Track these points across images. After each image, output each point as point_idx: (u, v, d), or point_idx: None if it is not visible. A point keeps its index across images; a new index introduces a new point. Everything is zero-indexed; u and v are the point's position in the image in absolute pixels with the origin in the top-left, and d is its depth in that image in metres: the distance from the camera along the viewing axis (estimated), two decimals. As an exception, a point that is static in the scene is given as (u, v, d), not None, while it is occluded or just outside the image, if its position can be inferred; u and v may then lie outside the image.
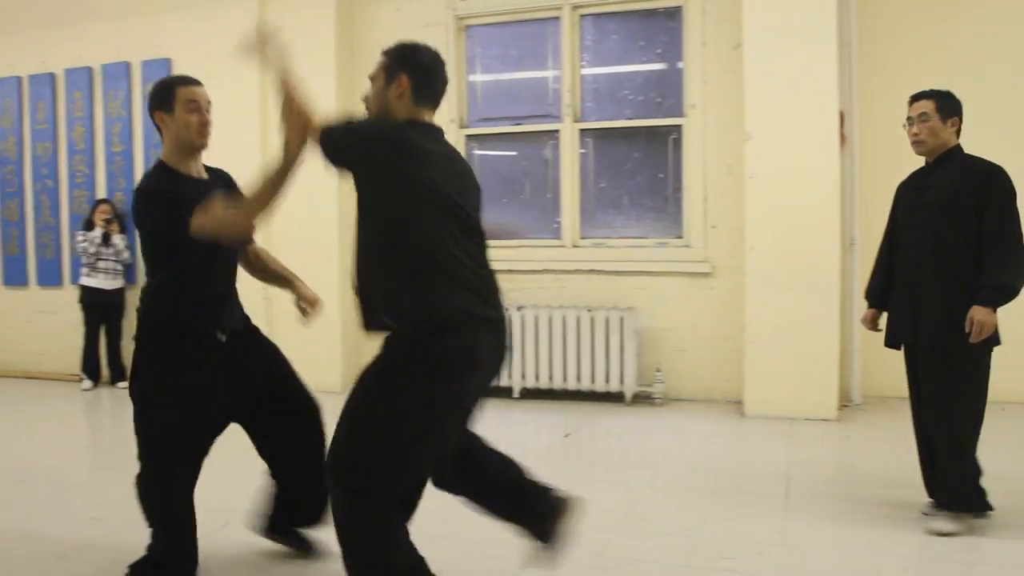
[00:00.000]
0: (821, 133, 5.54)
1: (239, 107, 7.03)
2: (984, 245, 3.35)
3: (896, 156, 4.41)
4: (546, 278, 6.58)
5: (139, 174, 7.46)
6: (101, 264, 7.12)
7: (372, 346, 2.51)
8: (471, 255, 2.48)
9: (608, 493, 4.10)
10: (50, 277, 7.99)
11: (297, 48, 7.23)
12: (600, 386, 6.22)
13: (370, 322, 2.52)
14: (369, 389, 2.45)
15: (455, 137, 6.79)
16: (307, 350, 6.98)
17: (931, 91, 3.57)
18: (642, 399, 6.26)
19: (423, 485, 2.72)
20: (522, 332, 6.36)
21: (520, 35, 6.80)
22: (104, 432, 6.16)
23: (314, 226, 6.85)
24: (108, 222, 7.16)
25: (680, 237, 6.37)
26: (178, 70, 7.26)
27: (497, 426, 5.64)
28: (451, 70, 6.71)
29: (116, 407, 6.65)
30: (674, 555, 3.28)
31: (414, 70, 2.59)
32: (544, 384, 6.34)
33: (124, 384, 7.20)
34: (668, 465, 4.60)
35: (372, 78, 2.66)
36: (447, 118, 6.77)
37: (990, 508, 3.51)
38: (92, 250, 7.09)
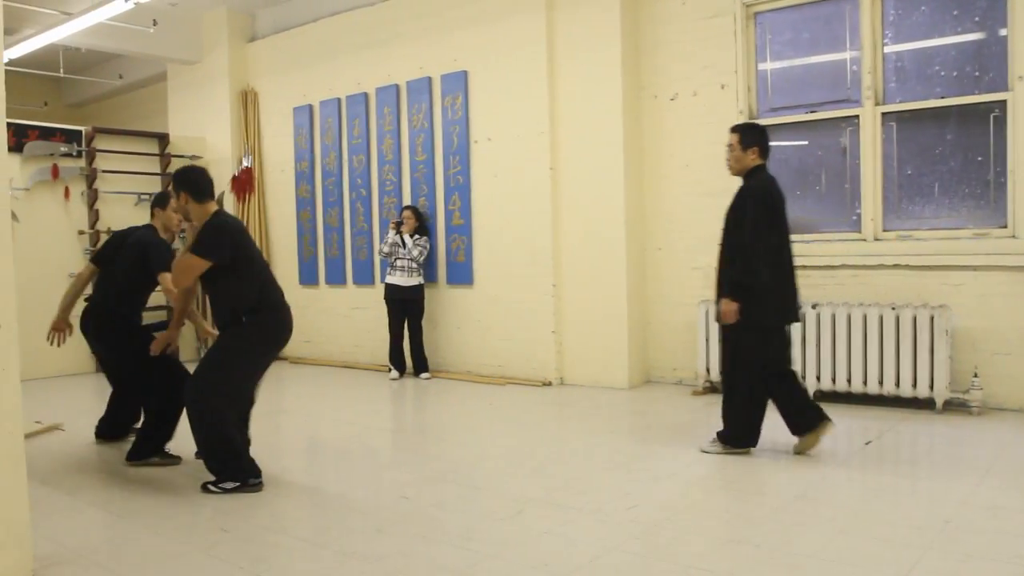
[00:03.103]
0: None
1: (529, 106, 7.33)
2: (738, 249, 4.49)
3: None
4: (843, 274, 6.17)
5: (440, 181, 8.03)
6: (399, 263, 7.77)
7: (657, 347, 2.49)
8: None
9: (917, 508, 3.75)
10: (363, 276, 8.84)
11: (583, 49, 7.45)
12: (905, 391, 5.71)
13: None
14: None
15: (743, 129, 6.56)
16: (594, 349, 7.14)
17: (736, 126, 4.78)
18: (956, 407, 5.67)
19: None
20: (817, 331, 6.01)
21: (813, 17, 6.42)
22: (407, 419, 6.69)
23: (602, 230, 6.96)
24: (399, 225, 7.79)
25: (1004, 227, 5.67)
26: (474, 79, 7.73)
27: (787, 428, 5.41)
28: (739, 60, 6.56)
29: (418, 396, 7.21)
30: (1002, 582, 2.91)
31: (187, 185, 4.23)
32: (841, 387, 5.95)
33: (427, 375, 7.83)
34: (989, 482, 4.10)
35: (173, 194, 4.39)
36: (735, 110, 6.57)
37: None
38: (386, 250, 7.77)
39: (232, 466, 4.22)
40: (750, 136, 4.64)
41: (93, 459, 5.09)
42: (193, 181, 4.27)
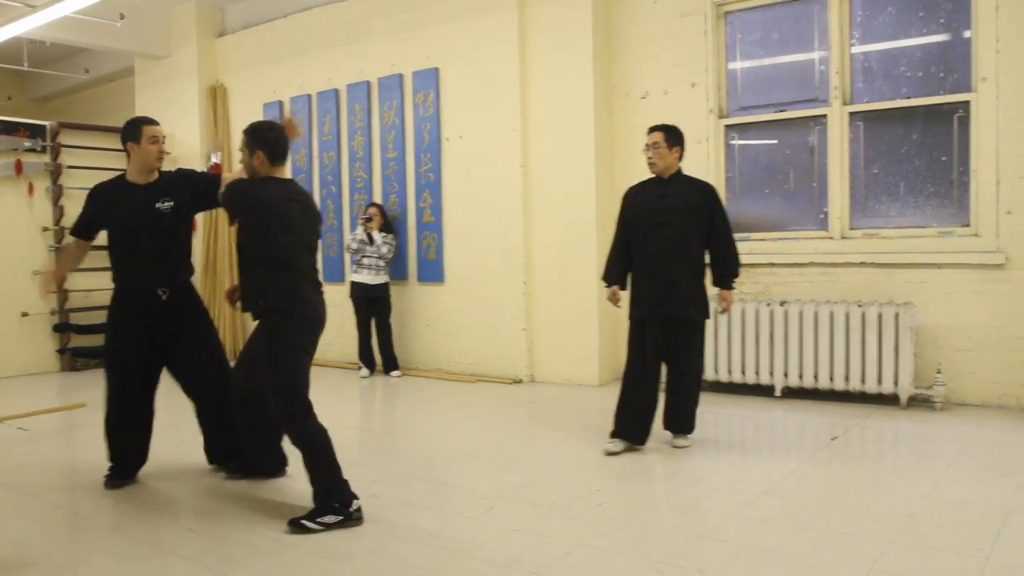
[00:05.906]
0: None
1: (501, 104, 7.33)
2: (716, 241, 4.69)
3: None
4: (811, 271, 6.24)
5: (411, 178, 8.00)
6: (365, 261, 7.73)
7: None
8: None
9: (882, 503, 3.80)
10: (333, 274, 8.78)
11: (555, 47, 7.45)
12: (871, 387, 5.79)
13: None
14: None
15: (714, 127, 6.62)
16: (565, 347, 7.16)
17: (661, 125, 4.79)
18: (919, 402, 5.75)
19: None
20: (785, 328, 6.07)
21: (783, 17, 6.48)
22: (376, 417, 6.66)
23: (574, 227, 6.98)
24: (367, 221, 7.75)
25: (967, 225, 5.77)
26: (445, 77, 7.71)
27: (757, 425, 5.49)
28: (710, 59, 6.59)
29: (388, 394, 7.18)
30: None
31: (265, 145, 3.82)
32: (808, 383, 6.01)
33: (397, 373, 7.80)
34: (951, 475, 4.17)
35: (241, 150, 3.90)
36: (705, 108, 6.62)
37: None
38: (355, 247, 7.73)
39: (335, 492, 3.66)
40: (676, 136, 4.78)
41: (57, 460, 5.02)
42: (272, 142, 3.84)
